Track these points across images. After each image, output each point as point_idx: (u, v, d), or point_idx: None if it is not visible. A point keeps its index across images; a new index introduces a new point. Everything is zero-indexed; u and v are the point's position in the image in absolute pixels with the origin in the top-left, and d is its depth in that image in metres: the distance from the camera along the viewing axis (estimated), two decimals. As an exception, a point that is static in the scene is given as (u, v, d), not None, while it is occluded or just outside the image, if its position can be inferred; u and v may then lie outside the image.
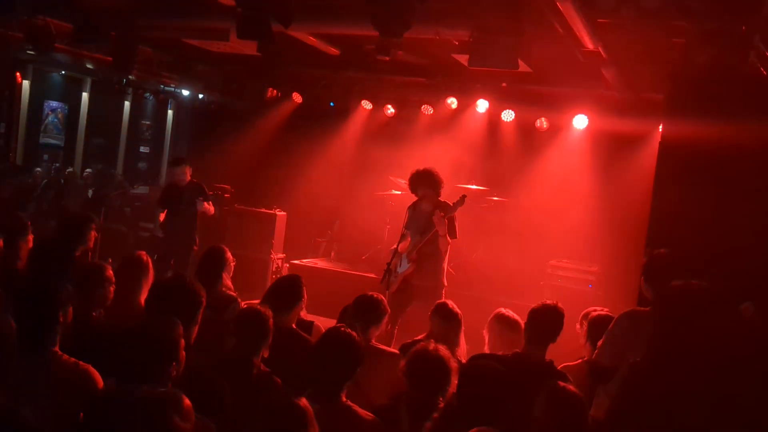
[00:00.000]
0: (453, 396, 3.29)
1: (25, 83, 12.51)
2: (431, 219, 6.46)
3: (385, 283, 6.13)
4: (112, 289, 4.08)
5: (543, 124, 9.67)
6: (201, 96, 12.21)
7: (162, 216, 8.12)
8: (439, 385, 3.25)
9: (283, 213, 10.20)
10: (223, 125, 11.59)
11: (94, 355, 3.18)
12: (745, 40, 5.03)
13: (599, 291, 8.17)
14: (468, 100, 9.74)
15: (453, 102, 9.80)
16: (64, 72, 13.30)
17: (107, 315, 4.03)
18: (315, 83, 10.70)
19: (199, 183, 8.19)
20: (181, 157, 8.51)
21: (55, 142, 13.90)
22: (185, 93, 12.19)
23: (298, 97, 11.00)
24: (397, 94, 10.44)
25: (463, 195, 6.44)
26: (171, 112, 15.44)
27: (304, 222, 10.63)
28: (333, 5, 6.60)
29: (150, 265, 4.43)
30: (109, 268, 4.13)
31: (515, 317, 4.45)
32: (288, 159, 10.90)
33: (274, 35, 6.15)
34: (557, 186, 9.49)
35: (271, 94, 11.23)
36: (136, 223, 11.40)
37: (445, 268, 6.67)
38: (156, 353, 2.88)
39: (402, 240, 6.50)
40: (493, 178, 9.75)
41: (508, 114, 9.64)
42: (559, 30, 6.03)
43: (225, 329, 3.89)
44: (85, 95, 14.01)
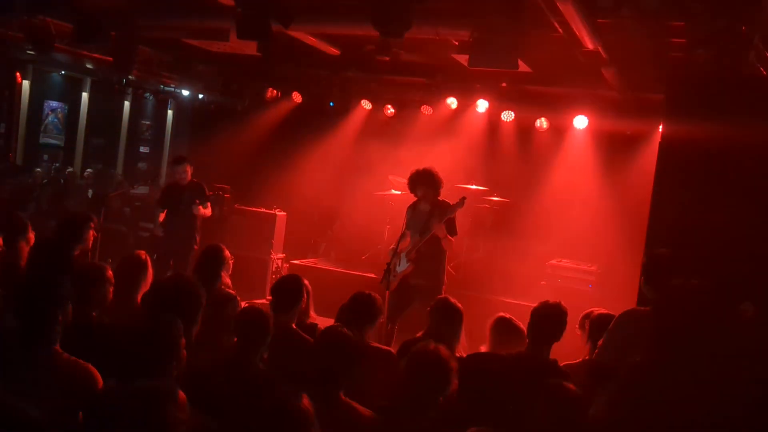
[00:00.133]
0: (453, 395, 3.29)
1: (25, 83, 12.50)
2: (431, 219, 6.46)
3: (385, 283, 6.13)
4: (111, 289, 4.09)
5: (543, 124, 9.68)
6: (201, 96, 12.20)
7: (162, 216, 8.11)
8: (439, 385, 3.25)
9: (283, 213, 10.19)
10: (223, 125, 11.57)
11: (94, 355, 3.18)
12: (745, 41, 5.04)
13: (599, 291, 8.16)
14: (468, 100, 9.74)
15: (453, 102, 9.80)
16: (64, 72, 13.30)
17: (106, 315, 4.03)
18: (315, 83, 10.70)
19: (199, 183, 8.20)
20: (182, 155, 8.50)
21: (55, 142, 13.89)
22: (185, 93, 12.18)
23: (298, 97, 11.00)
24: (397, 94, 10.44)
25: (463, 197, 6.45)
26: (171, 112, 15.44)
27: (304, 222, 10.62)
28: (333, 5, 6.60)
29: (149, 265, 4.44)
30: (109, 268, 4.14)
31: (517, 323, 4.42)
32: (288, 159, 10.88)
33: (274, 35, 6.15)
34: (557, 186, 9.50)
35: (271, 94, 11.23)
36: (136, 223, 11.38)
37: (445, 267, 6.69)
38: (157, 351, 2.88)
39: (401, 240, 6.50)
40: (493, 178, 9.75)
41: (507, 114, 9.64)
42: (559, 30, 6.03)
43: (224, 327, 3.89)
44: (85, 95, 14.01)
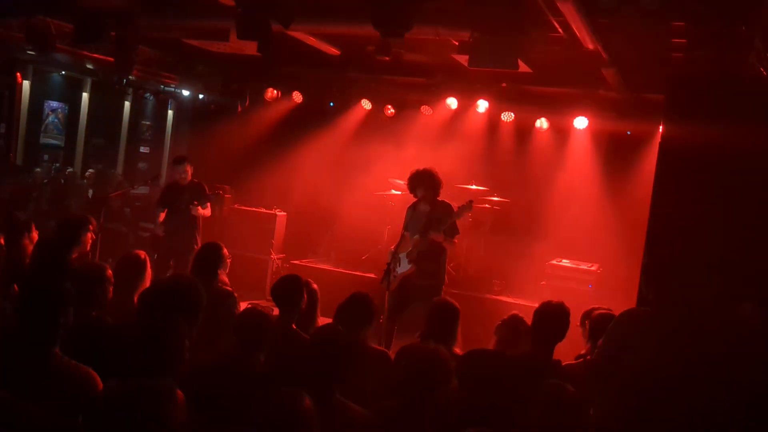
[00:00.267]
0: (452, 396, 3.29)
1: (25, 83, 12.48)
2: (431, 219, 6.46)
3: (385, 283, 6.13)
4: (111, 289, 4.09)
5: (543, 124, 9.68)
6: (201, 96, 12.20)
7: (162, 216, 8.12)
8: (437, 386, 3.25)
9: (283, 213, 10.19)
10: (223, 125, 11.57)
11: (94, 355, 3.18)
12: (745, 41, 5.03)
13: (599, 291, 8.16)
14: (468, 100, 9.73)
15: (453, 102, 9.79)
16: (64, 72, 13.29)
17: (106, 314, 4.03)
18: (315, 83, 10.70)
19: (199, 183, 8.20)
20: (182, 155, 8.51)
21: (56, 142, 13.88)
22: (185, 93, 12.17)
23: (298, 97, 11.00)
24: (397, 94, 10.42)
25: (470, 200, 6.45)
26: (171, 112, 15.42)
27: (304, 222, 10.63)
28: (333, 5, 6.59)
29: (148, 264, 4.44)
30: (109, 268, 4.14)
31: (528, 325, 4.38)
32: (288, 159, 10.88)
33: (274, 35, 6.15)
34: (557, 186, 9.51)
35: (271, 94, 11.22)
36: (136, 223, 11.39)
37: (445, 267, 6.69)
38: (163, 350, 2.88)
39: (401, 240, 6.50)
40: (493, 178, 9.74)
41: (507, 114, 9.63)
42: (559, 30, 6.03)
43: (222, 325, 3.89)
44: (85, 95, 13.99)
